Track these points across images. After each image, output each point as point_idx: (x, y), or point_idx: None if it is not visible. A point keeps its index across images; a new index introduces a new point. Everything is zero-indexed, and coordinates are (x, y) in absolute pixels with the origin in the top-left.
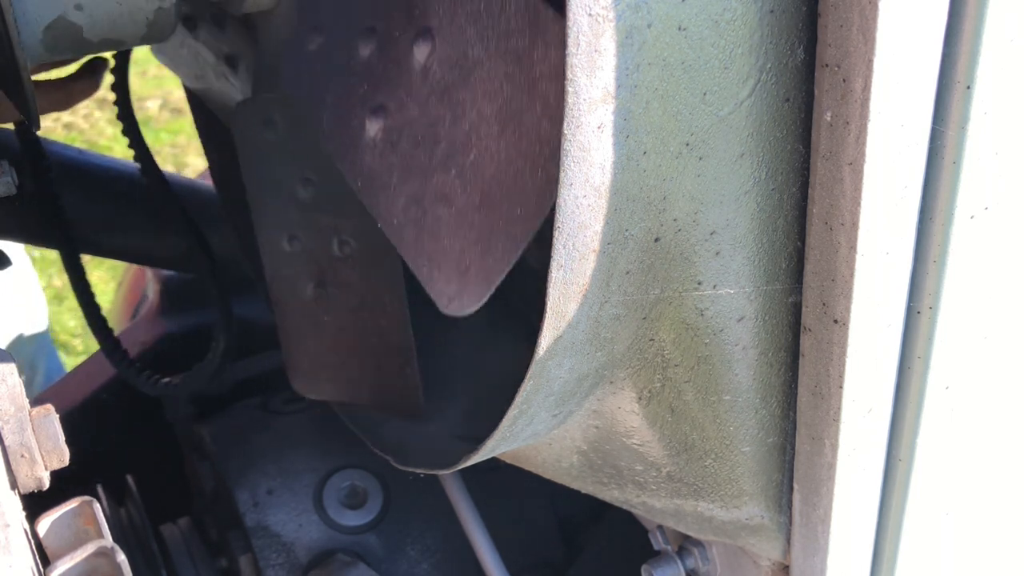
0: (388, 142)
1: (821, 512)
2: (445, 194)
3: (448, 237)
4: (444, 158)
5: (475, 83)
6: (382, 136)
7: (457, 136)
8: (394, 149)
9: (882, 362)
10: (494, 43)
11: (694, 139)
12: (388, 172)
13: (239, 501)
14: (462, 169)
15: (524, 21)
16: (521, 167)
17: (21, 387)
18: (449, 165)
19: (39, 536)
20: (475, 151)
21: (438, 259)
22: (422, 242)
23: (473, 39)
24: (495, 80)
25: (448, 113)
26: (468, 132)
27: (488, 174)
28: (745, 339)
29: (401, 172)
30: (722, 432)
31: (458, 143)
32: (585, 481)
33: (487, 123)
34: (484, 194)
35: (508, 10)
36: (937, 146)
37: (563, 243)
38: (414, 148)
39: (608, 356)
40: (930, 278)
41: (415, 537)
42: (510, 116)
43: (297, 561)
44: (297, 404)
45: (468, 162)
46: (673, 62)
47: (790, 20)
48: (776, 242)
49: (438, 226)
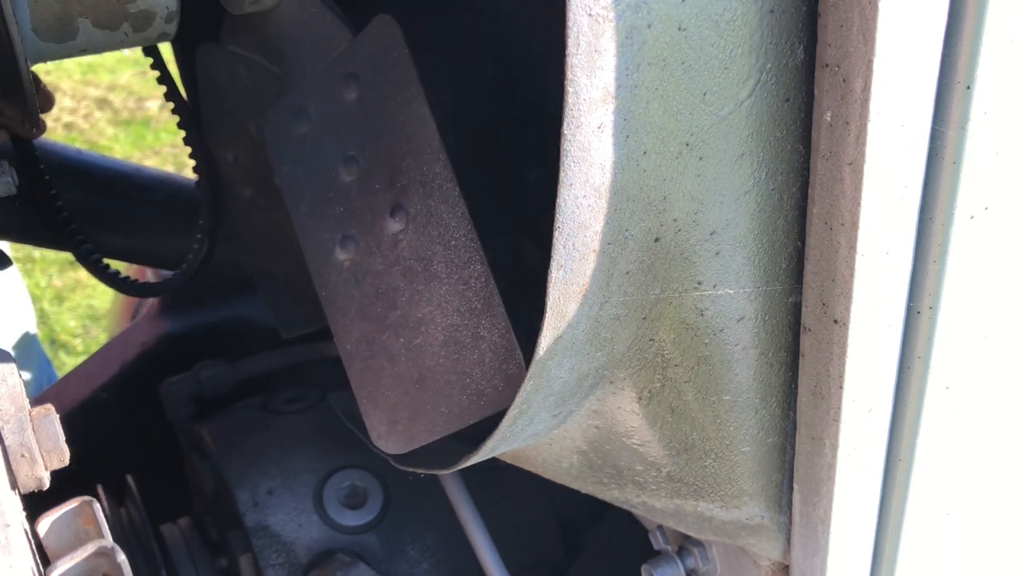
0: (354, 276)
1: (821, 512)
2: (391, 353)
3: (387, 388)
4: (396, 324)
5: (434, 289)
6: (349, 266)
7: (410, 315)
8: (358, 285)
9: (882, 362)
10: (455, 279)
11: (694, 139)
12: (349, 303)
13: (239, 501)
14: (409, 344)
15: (482, 291)
16: (453, 380)
17: (21, 387)
18: (399, 333)
19: (39, 536)
20: (421, 338)
21: (375, 400)
22: (366, 378)
23: (439, 257)
24: (449, 303)
25: (407, 291)
26: (420, 320)
27: (428, 364)
28: (745, 339)
29: (359, 309)
30: (722, 432)
31: (410, 322)
32: (585, 481)
33: (436, 327)
34: (421, 375)
35: (471, 270)
36: (937, 146)
37: (563, 243)
38: (374, 297)
39: (608, 356)
40: (930, 278)
41: (415, 537)
42: (454, 340)
43: (297, 561)
44: (297, 404)
45: (415, 343)
46: (673, 62)
47: (790, 20)
48: (776, 242)
49: (380, 374)
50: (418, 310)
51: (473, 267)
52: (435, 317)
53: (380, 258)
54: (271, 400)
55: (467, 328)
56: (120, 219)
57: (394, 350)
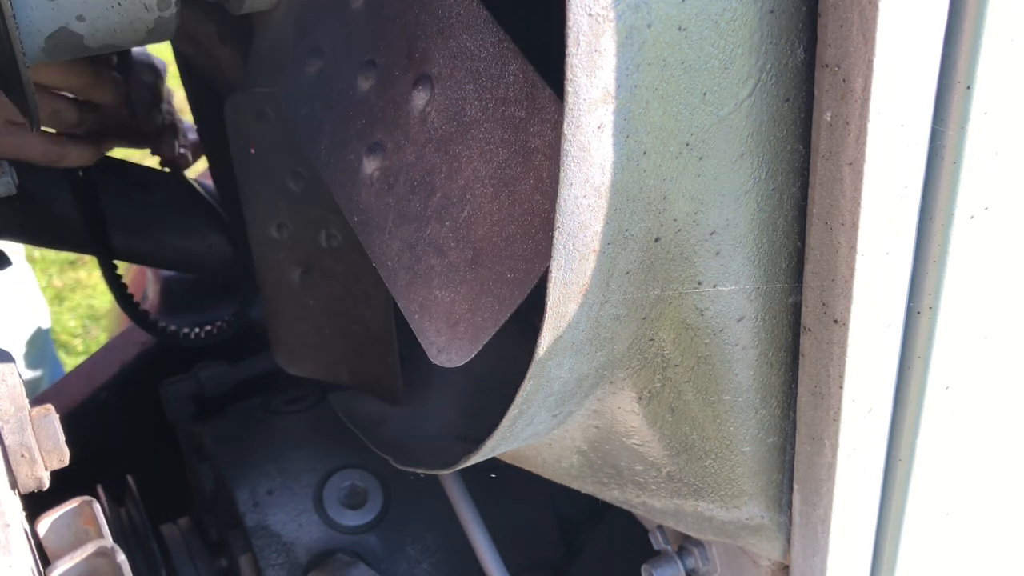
0: (385, 182)
1: (821, 512)
2: (438, 245)
3: (440, 288)
4: (439, 209)
5: (472, 141)
6: (379, 175)
7: (452, 190)
8: (391, 191)
9: (882, 362)
10: (492, 106)
11: (694, 139)
12: (384, 214)
13: (239, 501)
14: (456, 223)
15: (522, 93)
16: (512, 233)
17: (21, 387)
18: (443, 217)
19: (39, 536)
20: (469, 208)
21: (429, 308)
22: (414, 289)
23: (471, 97)
24: (491, 143)
25: (444, 165)
26: (463, 188)
27: (480, 233)
28: (745, 339)
29: (396, 216)
30: (722, 432)
31: (453, 197)
32: (585, 481)
33: (482, 183)
34: (476, 252)
35: (507, 78)
36: (937, 146)
37: (563, 243)
38: (410, 193)
39: (608, 356)
40: (930, 278)
41: (415, 537)
42: (504, 182)
43: (297, 561)
44: (297, 404)
45: (462, 217)
46: (673, 62)
47: (790, 20)
48: (776, 242)
49: (430, 275)
50: (460, 177)
51: (508, 67)
52: (479, 172)
53: (410, 147)
54: (271, 400)
55: (516, 155)
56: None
57: (441, 239)
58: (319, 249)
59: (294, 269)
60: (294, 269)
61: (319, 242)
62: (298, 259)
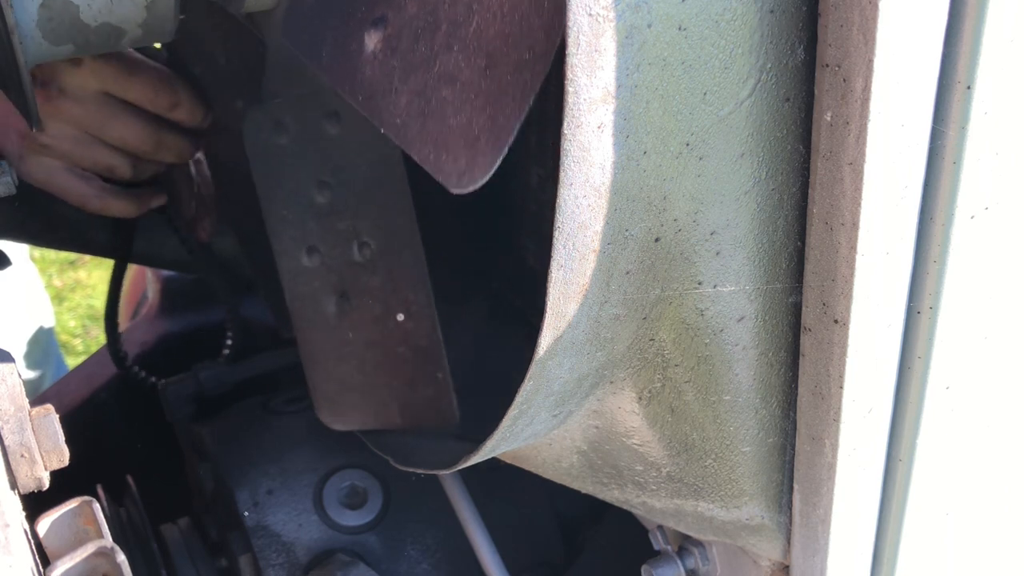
0: (388, 48)
1: (821, 512)
2: (449, 73)
3: (454, 115)
4: (446, 39)
5: None
6: (382, 45)
7: (457, 12)
8: (394, 52)
9: (882, 362)
10: None
11: (694, 139)
12: (389, 77)
13: (239, 501)
14: (465, 42)
15: None
16: (526, 11)
17: (21, 387)
18: (451, 44)
19: (39, 536)
20: (477, 18)
21: (445, 140)
22: (427, 130)
23: None
24: None
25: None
26: (468, 3)
27: (492, 33)
28: (745, 339)
29: (403, 72)
30: (722, 432)
31: (459, 19)
32: (585, 481)
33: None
34: (489, 55)
35: None
36: (937, 146)
37: (563, 243)
38: (415, 43)
39: (608, 356)
40: (930, 278)
41: (415, 537)
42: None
43: (297, 561)
44: (297, 404)
45: (470, 32)
46: (673, 62)
47: (790, 20)
48: (776, 242)
49: (444, 109)
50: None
51: None
52: None
53: (411, 1)
54: (271, 400)
55: None
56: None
57: (451, 66)
58: (353, 267)
59: (330, 298)
60: (330, 298)
61: (352, 257)
62: (332, 285)
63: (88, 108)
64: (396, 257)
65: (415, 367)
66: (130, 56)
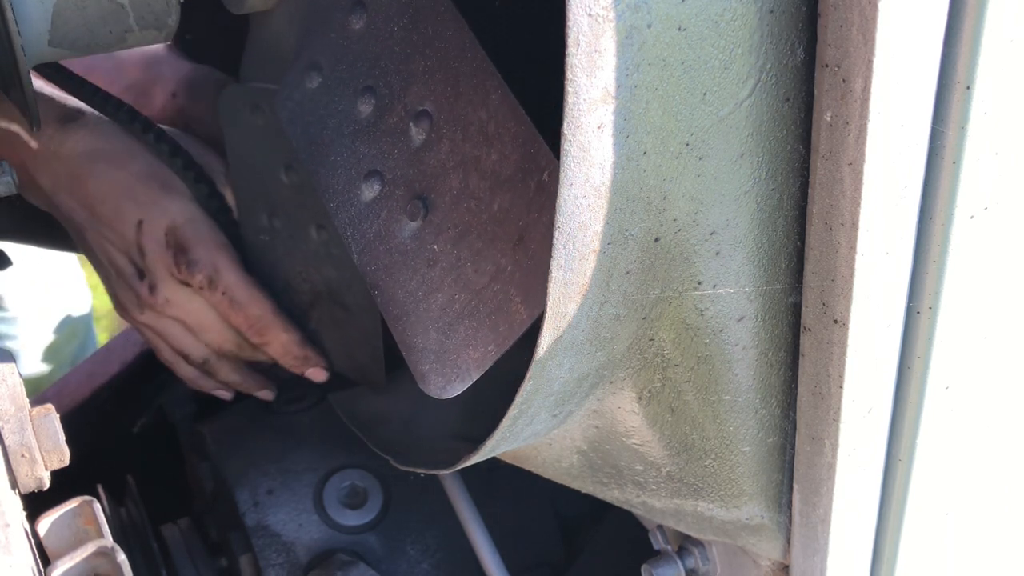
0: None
1: (821, 512)
2: None
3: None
4: None
5: None
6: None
7: None
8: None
9: (882, 362)
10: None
11: (694, 139)
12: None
13: (239, 501)
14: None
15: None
16: None
17: (21, 387)
18: None
19: (39, 536)
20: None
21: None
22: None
23: None
24: None
25: None
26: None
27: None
28: (745, 339)
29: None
30: (722, 432)
31: None
32: (585, 481)
33: None
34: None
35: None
36: (937, 146)
37: (563, 243)
38: None
39: (608, 356)
40: (930, 278)
41: (415, 537)
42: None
43: (297, 561)
44: (297, 404)
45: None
46: (673, 62)
47: (790, 20)
48: (776, 242)
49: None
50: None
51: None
52: None
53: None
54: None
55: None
56: None
57: None
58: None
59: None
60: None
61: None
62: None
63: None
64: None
65: (353, 336)
66: None
